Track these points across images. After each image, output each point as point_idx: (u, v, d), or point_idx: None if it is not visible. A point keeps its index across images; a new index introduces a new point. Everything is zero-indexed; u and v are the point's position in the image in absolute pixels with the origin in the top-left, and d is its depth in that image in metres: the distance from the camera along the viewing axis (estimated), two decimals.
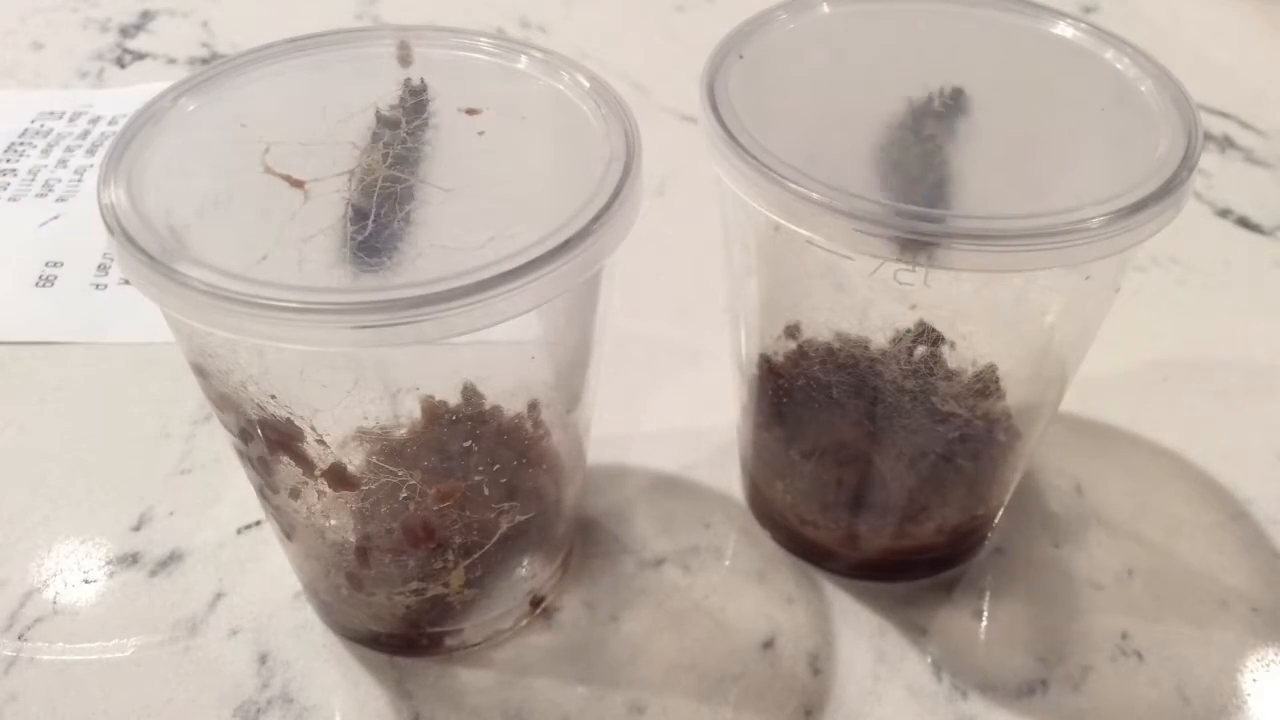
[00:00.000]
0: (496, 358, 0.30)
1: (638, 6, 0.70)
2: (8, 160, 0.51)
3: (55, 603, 0.36)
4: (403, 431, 0.30)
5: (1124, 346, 0.46)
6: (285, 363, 0.27)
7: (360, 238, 0.28)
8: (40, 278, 0.46)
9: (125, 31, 0.66)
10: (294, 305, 0.24)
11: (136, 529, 0.39)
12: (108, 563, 0.38)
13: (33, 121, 0.54)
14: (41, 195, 0.49)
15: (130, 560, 0.38)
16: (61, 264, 0.46)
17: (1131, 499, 0.40)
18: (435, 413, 0.31)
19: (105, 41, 0.65)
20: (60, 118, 0.55)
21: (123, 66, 0.63)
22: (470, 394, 0.30)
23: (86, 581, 0.37)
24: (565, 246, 0.26)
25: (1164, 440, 0.42)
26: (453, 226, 0.28)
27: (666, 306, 0.48)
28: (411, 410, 0.30)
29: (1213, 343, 0.47)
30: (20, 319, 0.45)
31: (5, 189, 0.50)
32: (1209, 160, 0.57)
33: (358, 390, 0.27)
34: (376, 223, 0.28)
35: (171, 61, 0.64)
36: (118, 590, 0.37)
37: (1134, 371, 0.45)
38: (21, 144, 0.53)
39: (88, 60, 0.63)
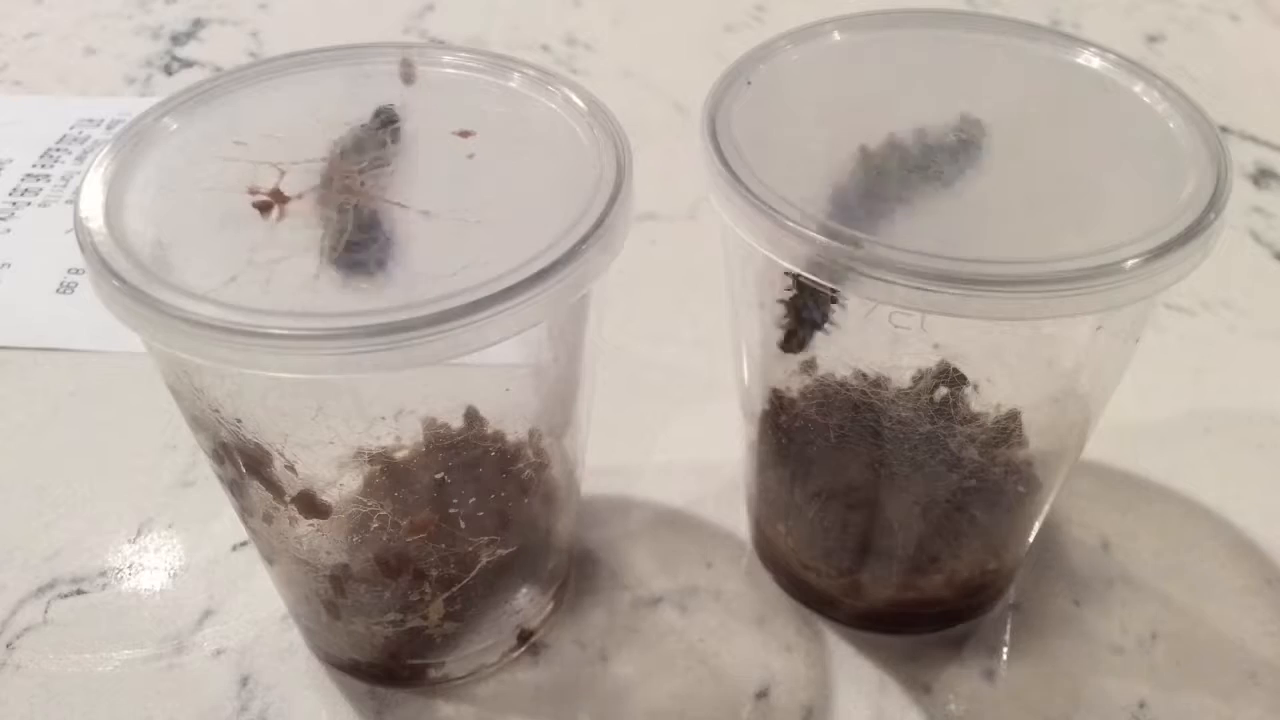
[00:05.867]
0: (474, 385, 0.29)
1: (686, 26, 0.69)
2: (42, 166, 0.52)
3: (46, 612, 0.36)
4: (376, 466, 0.29)
5: (1165, 394, 0.44)
6: (249, 388, 0.26)
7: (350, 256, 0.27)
8: (61, 284, 0.46)
9: (176, 39, 0.66)
10: (247, 330, 0.23)
11: (134, 540, 0.39)
12: (102, 574, 0.37)
13: (71, 128, 0.55)
14: (72, 202, 0.50)
15: (124, 572, 0.37)
16: (83, 271, 0.46)
17: (1161, 557, 0.38)
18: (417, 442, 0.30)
19: (156, 49, 0.66)
20: (99, 125, 0.55)
21: (170, 74, 0.63)
22: (437, 425, 0.30)
23: (79, 592, 0.37)
24: (546, 273, 0.25)
25: (1201, 496, 0.40)
26: (433, 251, 0.27)
27: (688, 334, 0.47)
28: (380, 437, 0.29)
29: (1263, 393, 0.44)
30: (40, 325, 0.45)
31: (37, 194, 0.50)
32: (1271, 199, 0.54)
33: (322, 417, 0.27)
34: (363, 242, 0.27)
35: (217, 70, 0.64)
36: (109, 602, 0.37)
37: (1174, 421, 0.43)
38: (58, 150, 0.53)
39: (136, 67, 0.64)
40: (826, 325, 0.31)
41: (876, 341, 0.31)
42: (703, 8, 0.70)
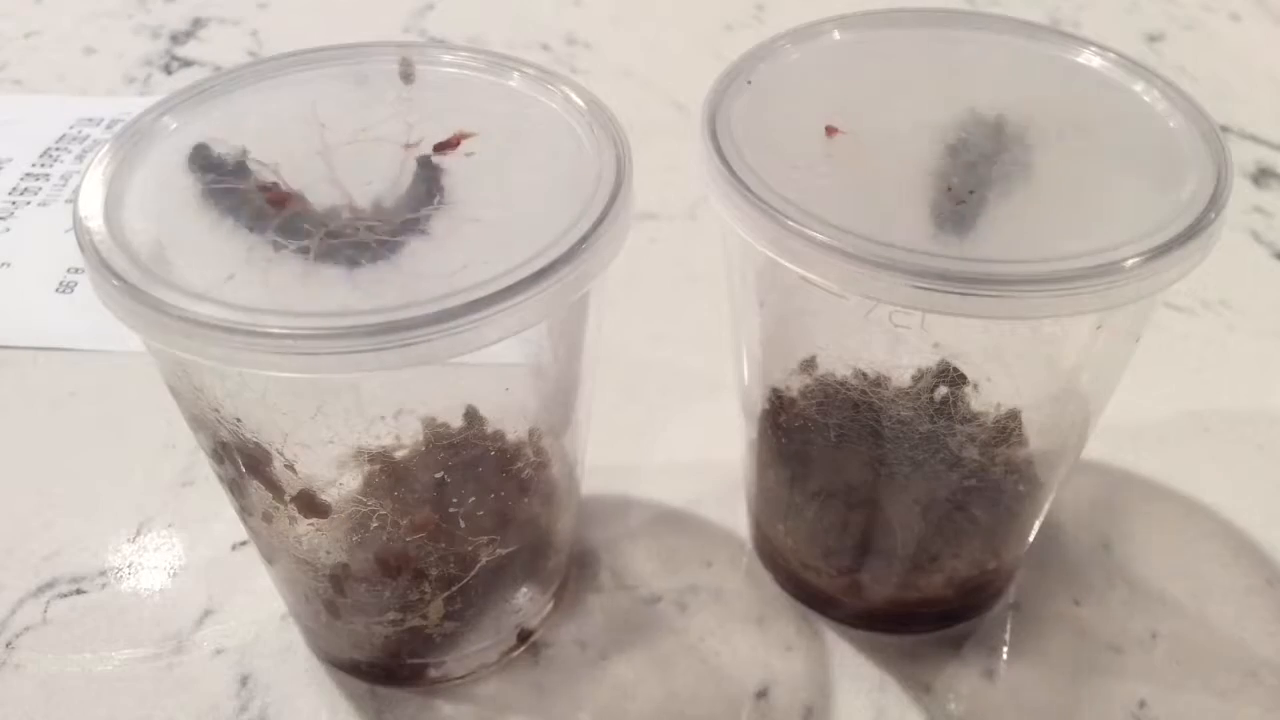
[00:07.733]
0: (474, 384, 0.29)
1: (685, 25, 0.69)
2: (42, 165, 0.52)
3: (46, 611, 0.36)
4: (376, 466, 0.29)
5: (1164, 394, 0.44)
6: (249, 388, 0.26)
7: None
8: (61, 283, 0.46)
9: (176, 39, 0.66)
10: (246, 329, 0.23)
11: (133, 539, 0.39)
12: (101, 573, 0.37)
13: (71, 127, 0.55)
14: (71, 201, 0.50)
15: (124, 571, 0.37)
16: (83, 270, 0.46)
17: (1161, 557, 0.38)
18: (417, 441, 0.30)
19: (155, 48, 0.65)
20: (98, 124, 0.55)
21: (169, 74, 0.63)
22: (436, 425, 0.30)
23: (79, 591, 0.37)
24: (546, 272, 0.25)
25: (1201, 496, 0.40)
26: (433, 251, 0.27)
27: (690, 334, 0.47)
28: (380, 437, 0.29)
29: (1262, 394, 0.44)
30: (40, 324, 0.45)
31: (36, 194, 0.50)
32: (1271, 199, 0.54)
33: (322, 416, 0.27)
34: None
35: (217, 69, 0.64)
36: (109, 601, 0.37)
37: (1173, 421, 0.43)
38: (58, 149, 0.53)
39: (136, 66, 0.64)
40: None
41: (876, 341, 0.31)
42: (703, 7, 0.70)
